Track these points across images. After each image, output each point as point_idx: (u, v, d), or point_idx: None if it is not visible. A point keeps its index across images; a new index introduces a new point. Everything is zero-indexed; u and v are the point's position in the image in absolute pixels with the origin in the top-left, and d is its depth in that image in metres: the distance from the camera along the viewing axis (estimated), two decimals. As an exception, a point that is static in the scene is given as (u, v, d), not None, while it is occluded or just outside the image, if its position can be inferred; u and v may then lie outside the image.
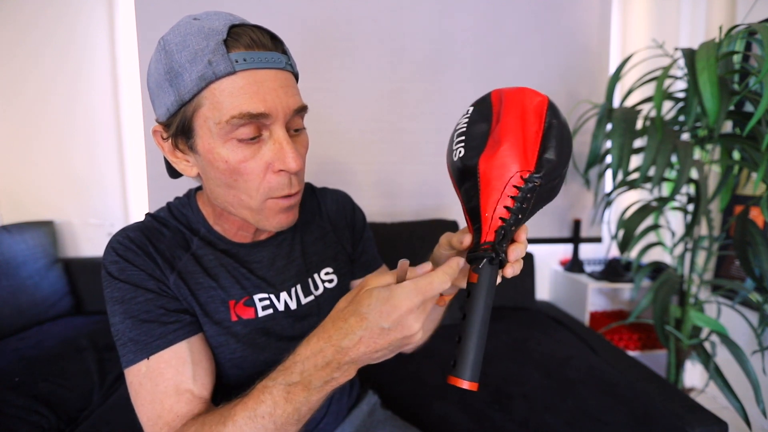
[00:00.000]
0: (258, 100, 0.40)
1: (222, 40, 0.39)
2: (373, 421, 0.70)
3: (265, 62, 0.41)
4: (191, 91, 0.40)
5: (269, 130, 0.43)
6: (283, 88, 0.42)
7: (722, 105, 1.01)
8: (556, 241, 1.76)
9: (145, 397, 0.44)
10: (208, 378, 0.48)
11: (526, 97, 0.38)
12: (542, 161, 0.36)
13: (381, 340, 0.33)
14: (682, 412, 0.88)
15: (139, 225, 0.52)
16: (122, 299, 0.46)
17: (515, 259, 0.38)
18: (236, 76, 0.40)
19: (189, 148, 0.45)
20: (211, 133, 0.42)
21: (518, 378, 1.02)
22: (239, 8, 1.45)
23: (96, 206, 1.52)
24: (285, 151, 0.43)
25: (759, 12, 1.33)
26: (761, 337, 1.11)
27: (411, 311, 0.33)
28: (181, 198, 0.57)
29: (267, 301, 0.54)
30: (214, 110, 0.40)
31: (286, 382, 0.36)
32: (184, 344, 0.46)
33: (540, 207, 0.39)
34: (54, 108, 1.45)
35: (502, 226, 0.37)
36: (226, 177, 0.44)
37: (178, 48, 0.40)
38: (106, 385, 1.03)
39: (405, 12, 1.54)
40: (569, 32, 1.66)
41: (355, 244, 0.68)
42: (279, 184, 0.45)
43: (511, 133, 0.37)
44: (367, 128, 1.57)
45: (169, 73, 0.40)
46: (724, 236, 1.29)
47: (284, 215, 0.48)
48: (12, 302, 1.21)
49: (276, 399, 0.36)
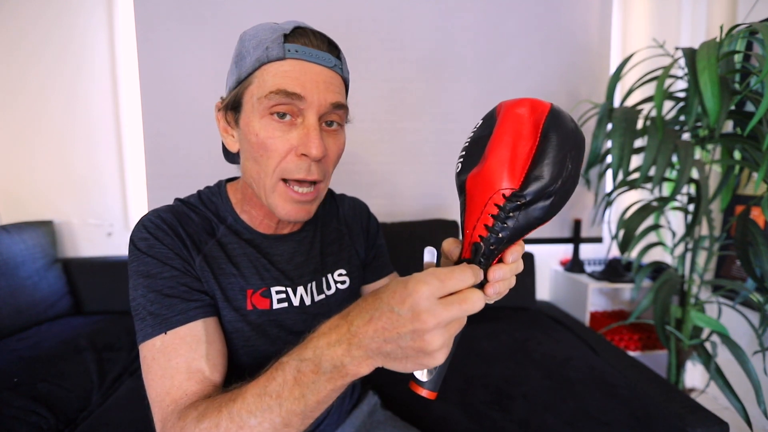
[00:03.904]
0: (297, 84, 0.45)
1: (283, 34, 0.46)
2: (374, 421, 0.70)
3: (315, 58, 0.46)
4: (248, 71, 0.47)
5: (303, 115, 0.47)
6: (325, 83, 0.47)
7: (723, 105, 1.01)
8: (556, 241, 1.76)
9: (157, 371, 0.44)
10: (221, 360, 0.48)
11: (525, 107, 0.35)
12: (530, 178, 0.33)
13: (390, 325, 0.30)
14: (682, 413, 0.88)
15: (169, 207, 0.54)
16: (148, 273, 0.47)
17: (495, 279, 0.36)
18: (285, 61, 0.45)
19: (235, 122, 0.51)
20: (253, 108, 0.47)
21: (518, 378, 1.01)
22: (240, 8, 1.45)
23: (95, 206, 1.52)
24: (311, 137, 0.46)
25: (760, 11, 1.32)
26: (762, 337, 1.10)
27: (427, 299, 0.29)
28: (211, 187, 0.60)
29: (283, 294, 0.56)
30: (259, 87, 0.46)
31: (299, 358, 0.35)
32: (200, 323, 0.47)
33: (536, 226, 0.36)
34: (53, 108, 1.45)
35: (477, 244, 0.36)
36: (255, 150, 0.48)
37: (250, 38, 0.47)
38: (105, 385, 1.03)
39: (405, 12, 1.54)
40: (569, 32, 1.65)
41: (368, 250, 0.70)
42: (297, 167, 0.48)
43: (497, 148, 0.35)
44: (367, 128, 1.57)
45: (238, 56, 0.48)
46: (725, 236, 1.28)
47: (293, 207, 0.50)
48: (11, 302, 1.21)
49: (286, 377, 0.35)
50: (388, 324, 0.30)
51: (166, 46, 1.44)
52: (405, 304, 0.30)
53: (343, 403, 0.68)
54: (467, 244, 0.37)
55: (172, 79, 1.45)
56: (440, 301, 0.30)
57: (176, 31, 1.44)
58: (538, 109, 0.35)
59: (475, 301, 0.31)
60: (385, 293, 0.31)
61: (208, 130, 1.46)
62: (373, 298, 0.33)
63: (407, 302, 0.30)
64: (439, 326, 0.30)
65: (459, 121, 1.62)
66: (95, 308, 1.44)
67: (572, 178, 0.35)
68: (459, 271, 0.31)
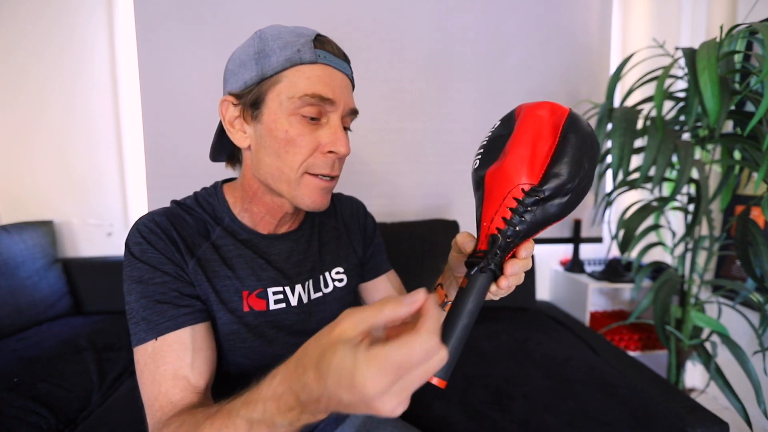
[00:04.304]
0: (329, 89, 0.49)
1: (312, 39, 0.49)
2: (373, 421, 0.70)
3: (338, 65, 0.51)
4: (275, 69, 0.48)
5: (328, 117, 0.50)
6: (347, 89, 0.52)
7: (723, 105, 1.01)
8: (556, 241, 1.76)
9: (147, 377, 0.46)
10: (207, 367, 0.48)
11: (545, 109, 0.38)
12: (549, 175, 0.35)
13: (343, 407, 0.28)
14: (682, 413, 0.88)
15: (165, 210, 0.54)
16: (140, 279, 0.48)
17: (512, 273, 0.37)
18: (317, 66, 0.48)
19: (252, 118, 0.51)
20: (281, 105, 0.49)
21: (518, 378, 1.01)
22: (240, 8, 1.45)
23: (95, 206, 1.52)
24: (338, 136, 0.50)
25: (760, 11, 1.32)
26: (762, 337, 1.10)
27: (380, 394, 0.26)
28: (207, 188, 0.60)
29: (280, 294, 0.56)
30: (290, 87, 0.48)
31: (248, 418, 0.34)
32: (188, 330, 0.48)
33: (551, 222, 0.38)
34: (53, 108, 1.45)
35: (495, 236, 0.37)
36: (280, 146, 0.50)
37: (273, 38, 0.49)
38: (105, 386, 1.03)
39: (405, 12, 1.54)
40: (569, 32, 1.65)
41: (366, 248, 0.71)
42: (323, 163, 0.51)
43: (518, 146, 0.37)
44: (367, 128, 1.57)
45: (259, 54, 0.49)
46: (725, 236, 1.28)
47: (320, 196, 0.53)
48: (11, 302, 1.21)
49: (239, 430, 0.34)
50: (341, 406, 0.28)
51: (166, 46, 1.44)
52: (354, 396, 0.27)
53: None
54: (484, 236, 0.38)
55: (172, 79, 1.45)
56: (393, 389, 0.27)
57: (176, 31, 1.44)
58: (558, 112, 0.37)
59: (425, 375, 0.27)
60: (330, 379, 0.27)
61: (208, 130, 1.44)
62: (317, 375, 0.28)
63: (355, 396, 0.26)
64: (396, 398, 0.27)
65: (459, 121, 1.62)
66: (95, 308, 1.44)
67: (588, 178, 0.37)
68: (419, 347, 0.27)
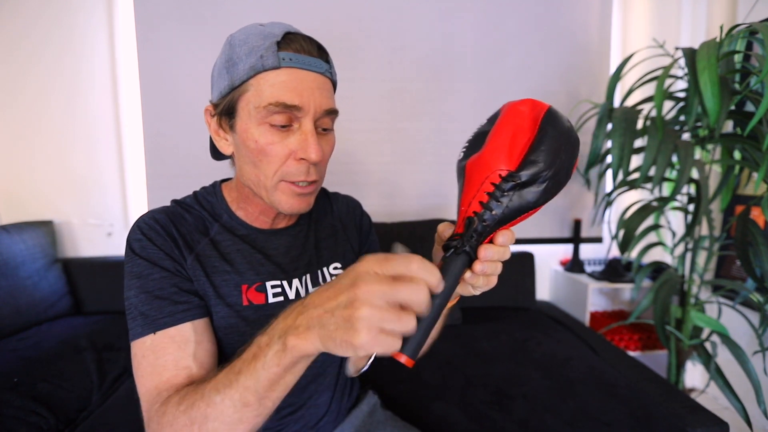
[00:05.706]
0: (294, 94, 0.47)
1: (276, 42, 0.47)
2: (373, 421, 0.70)
3: (308, 65, 0.48)
4: (241, 78, 0.47)
5: (299, 122, 0.49)
6: (319, 90, 0.49)
7: (723, 105, 1.01)
8: (556, 241, 1.76)
9: (146, 368, 0.46)
10: (209, 359, 0.49)
11: (527, 105, 0.39)
12: (526, 162, 0.36)
13: (333, 294, 0.32)
14: (682, 413, 0.88)
15: (165, 208, 0.56)
16: (140, 275, 0.49)
17: (486, 258, 0.38)
18: (280, 71, 0.47)
19: (229, 128, 0.52)
20: (250, 115, 0.48)
21: (518, 378, 1.01)
22: (239, 8, 1.45)
23: (95, 206, 1.52)
24: (309, 142, 0.48)
25: (760, 11, 1.32)
26: (762, 337, 1.10)
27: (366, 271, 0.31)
28: (206, 187, 0.62)
29: (279, 288, 0.57)
30: (256, 96, 0.47)
31: (262, 333, 0.38)
32: (189, 325, 0.49)
33: (529, 209, 0.38)
34: (53, 108, 1.45)
35: (471, 218, 0.38)
36: (254, 156, 0.49)
37: (240, 43, 0.48)
38: (105, 385, 1.03)
39: (405, 11, 1.54)
40: (569, 32, 1.65)
41: (362, 246, 0.72)
42: (297, 171, 0.50)
43: (497, 135, 0.38)
44: (367, 128, 1.57)
45: (228, 62, 0.48)
46: (725, 236, 1.28)
47: (296, 200, 0.52)
48: (11, 302, 1.21)
49: (250, 353, 0.37)
50: (332, 293, 0.32)
51: (166, 46, 1.44)
52: (348, 275, 0.32)
53: (342, 400, 0.68)
54: (461, 220, 0.39)
55: (172, 79, 1.45)
56: (377, 275, 0.31)
57: (176, 31, 1.44)
58: (538, 107, 0.38)
59: (414, 289, 0.30)
60: (341, 276, 0.34)
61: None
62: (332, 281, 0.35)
63: (350, 274, 0.32)
64: (371, 297, 0.30)
65: (459, 121, 1.62)
66: (95, 308, 1.44)
67: (565, 169, 0.37)
68: (403, 255, 0.32)
